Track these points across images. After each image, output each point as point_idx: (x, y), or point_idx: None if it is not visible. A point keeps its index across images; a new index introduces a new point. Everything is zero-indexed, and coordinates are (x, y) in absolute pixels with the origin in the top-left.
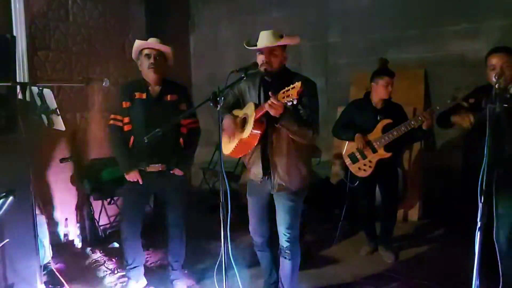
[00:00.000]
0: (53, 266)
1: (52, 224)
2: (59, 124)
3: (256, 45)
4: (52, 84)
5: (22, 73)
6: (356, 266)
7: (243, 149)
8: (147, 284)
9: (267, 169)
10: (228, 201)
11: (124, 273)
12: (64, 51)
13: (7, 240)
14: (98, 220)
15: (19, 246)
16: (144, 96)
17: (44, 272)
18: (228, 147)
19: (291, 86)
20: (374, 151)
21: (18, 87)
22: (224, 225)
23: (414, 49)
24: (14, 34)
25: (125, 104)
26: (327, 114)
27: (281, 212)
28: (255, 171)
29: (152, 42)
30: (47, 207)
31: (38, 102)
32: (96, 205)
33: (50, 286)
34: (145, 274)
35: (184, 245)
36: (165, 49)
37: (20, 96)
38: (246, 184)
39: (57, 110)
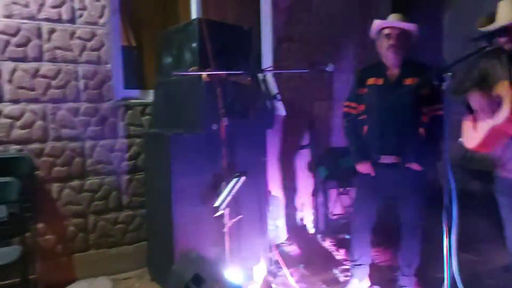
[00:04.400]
0: (286, 247)
1: (290, 207)
2: (280, 109)
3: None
4: (277, 72)
5: (268, 64)
6: None
7: (495, 140)
8: (371, 285)
9: None
10: (453, 204)
11: (349, 267)
12: (305, 42)
13: (241, 216)
14: (331, 209)
15: (251, 223)
16: (380, 81)
17: (278, 251)
18: (472, 137)
19: None
20: None
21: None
22: (447, 235)
23: None
24: (261, 27)
25: (361, 91)
26: None
27: None
28: None
29: (394, 20)
30: (288, 190)
31: (263, 88)
32: (331, 194)
33: (277, 265)
34: (371, 273)
35: (419, 249)
36: (409, 26)
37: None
38: None
39: (278, 95)
